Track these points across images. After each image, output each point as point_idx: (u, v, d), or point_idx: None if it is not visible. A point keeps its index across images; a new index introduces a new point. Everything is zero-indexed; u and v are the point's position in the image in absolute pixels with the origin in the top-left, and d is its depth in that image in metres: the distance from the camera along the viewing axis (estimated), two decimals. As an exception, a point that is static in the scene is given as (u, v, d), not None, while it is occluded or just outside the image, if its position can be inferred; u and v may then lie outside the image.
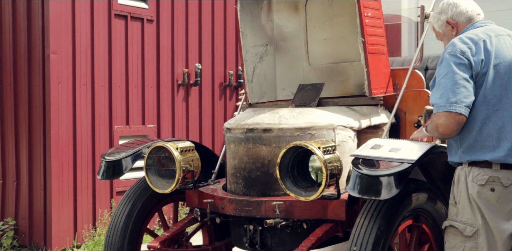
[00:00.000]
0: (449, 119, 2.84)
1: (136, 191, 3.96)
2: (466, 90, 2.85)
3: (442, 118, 2.85)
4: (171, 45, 6.94)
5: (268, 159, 3.53)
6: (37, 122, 5.92)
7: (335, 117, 3.62)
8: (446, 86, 2.87)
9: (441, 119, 2.86)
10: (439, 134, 2.94)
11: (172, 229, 3.88)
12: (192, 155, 3.76)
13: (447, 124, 2.85)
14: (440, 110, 2.86)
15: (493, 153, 2.89)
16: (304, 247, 3.26)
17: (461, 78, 2.86)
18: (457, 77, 2.86)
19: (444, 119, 2.85)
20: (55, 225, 5.81)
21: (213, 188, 3.87)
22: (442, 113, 2.85)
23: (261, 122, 3.59)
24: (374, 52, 3.82)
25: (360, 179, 2.95)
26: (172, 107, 6.96)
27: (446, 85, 2.87)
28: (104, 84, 6.26)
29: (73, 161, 5.98)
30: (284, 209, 3.39)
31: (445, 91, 2.86)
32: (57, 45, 5.84)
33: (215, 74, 7.46)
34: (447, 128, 2.86)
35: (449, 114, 2.84)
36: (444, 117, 2.85)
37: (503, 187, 2.87)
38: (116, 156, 3.95)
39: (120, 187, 6.32)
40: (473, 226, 2.91)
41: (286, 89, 4.44)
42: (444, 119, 2.85)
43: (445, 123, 2.85)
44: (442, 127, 2.86)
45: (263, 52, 4.36)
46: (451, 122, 2.84)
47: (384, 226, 3.02)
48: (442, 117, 2.85)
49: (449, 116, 2.84)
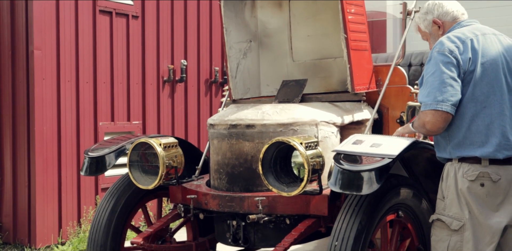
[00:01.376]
0: (436, 117, 2.89)
1: (120, 187, 3.95)
2: (452, 89, 2.90)
3: (429, 116, 2.90)
4: (157, 41, 6.91)
5: (251, 154, 3.54)
6: (21, 119, 5.89)
7: (318, 113, 3.64)
8: (434, 84, 2.92)
9: (428, 117, 2.91)
10: (426, 131, 3.00)
11: (155, 225, 3.88)
12: (175, 151, 3.76)
13: (434, 122, 2.90)
14: (427, 108, 2.92)
15: (482, 149, 2.94)
16: (287, 242, 3.27)
17: (448, 77, 2.91)
18: (444, 76, 2.91)
19: (431, 117, 2.90)
20: (40, 222, 5.79)
21: (196, 184, 3.87)
22: (429, 111, 2.91)
23: (244, 118, 3.60)
24: (357, 48, 3.84)
25: (341, 174, 2.97)
26: (157, 103, 6.94)
27: (433, 83, 2.92)
28: (89, 80, 6.24)
29: (58, 158, 5.95)
30: (267, 205, 3.40)
31: (432, 90, 2.91)
32: (41, 41, 5.80)
33: (201, 71, 7.45)
34: (434, 125, 2.91)
35: (436, 112, 2.89)
36: (431, 115, 2.90)
37: (492, 182, 2.93)
38: (99, 152, 3.94)
39: (105, 184, 6.31)
40: (460, 220, 2.96)
41: (269, 85, 4.45)
42: (431, 117, 2.90)
43: (432, 121, 2.90)
44: (429, 125, 2.92)
45: (247, 48, 4.37)
46: (437, 120, 2.90)
47: (365, 221, 3.04)
48: (429, 115, 2.90)
49: (436, 114, 2.89)
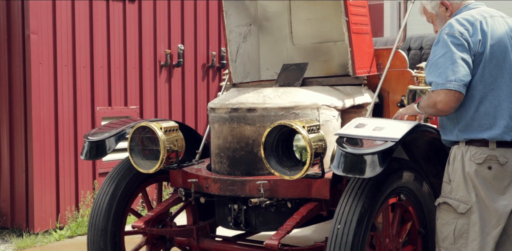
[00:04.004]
0: (449, 96, 2.89)
1: (120, 172, 3.94)
2: (464, 69, 2.91)
3: (442, 95, 2.90)
4: (153, 25, 6.86)
5: (253, 138, 3.53)
6: (18, 104, 5.85)
7: (319, 96, 3.63)
8: (445, 65, 2.92)
9: (441, 96, 2.90)
10: (436, 111, 2.98)
11: (156, 209, 3.87)
12: (176, 135, 3.75)
13: (446, 101, 2.90)
14: (439, 88, 2.91)
15: (490, 131, 2.95)
16: (289, 225, 3.27)
17: (459, 58, 2.92)
18: (455, 56, 2.92)
19: (444, 96, 2.89)
20: (38, 206, 5.78)
21: (197, 168, 3.87)
22: (441, 91, 2.90)
23: (245, 102, 3.58)
24: (358, 31, 3.82)
25: (344, 157, 2.97)
26: (154, 88, 6.91)
27: (445, 64, 2.92)
28: (86, 65, 6.19)
29: (55, 142, 5.93)
30: (269, 188, 3.40)
31: (444, 70, 2.91)
32: (37, 25, 5.75)
33: (198, 55, 7.41)
34: (447, 104, 2.90)
35: (449, 91, 2.89)
36: (444, 94, 2.89)
37: (499, 165, 2.94)
38: (99, 136, 3.92)
39: (103, 169, 6.29)
40: (467, 203, 2.97)
41: (269, 69, 4.43)
42: (443, 96, 2.89)
43: (445, 100, 2.90)
44: (441, 104, 2.91)
45: (246, 32, 4.34)
46: (450, 99, 2.89)
47: (368, 204, 3.05)
48: (442, 94, 2.90)
49: (449, 94, 2.89)
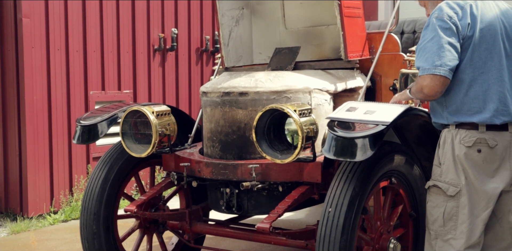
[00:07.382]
0: (434, 81, 2.90)
1: (112, 156, 3.94)
2: (451, 54, 2.91)
3: (427, 80, 2.91)
4: (147, 9, 6.83)
5: (245, 122, 3.53)
6: (10, 88, 5.84)
7: (311, 80, 3.62)
8: (432, 49, 2.92)
9: (426, 81, 2.92)
10: (423, 95, 3.00)
11: (149, 193, 3.88)
12: (168, 119, 3.75)
13: (432, 86, 2.91)
14: (425, 73, 2.92)
15: (479, 115, 2.96)
16: (280, 209, 3.28)
17: (446, 42, 2.92)
18: (442, 41, 2.91)
19: (429, 81, 2.91)
20: (31, 191, 5.79)
21: (189, 152, 3.87)
22: (427, 76, 2.91)
23: (237, 86, 3.58)
24: (350, 15, 3.81)
25: (335, 141, 2.97)
26: (148, 72, 6.89)
27: (431, 48, 2.92)
28: (79, 49, 6.17)
29: (49, 127, 5.93)
30: (261, 172, 3.41)
31: (431, 55, 2.91)
32: (29, 8, 5.72)
33: (192, 39, 7.38)
34: (432, 89, 2.92)
35: (434, 76, 2.90)
36: (429, 79, 2.91)
37: (489, 148, 2.96)
38: (92, 121, 3.91)
39: (97, 153, 6.30)
40: (456, 186, 2.99)
41: (262, 53, 4.41)
42: (429, 81, 2.91)
43: (430, 85, 2.91)
44: (427, 89, 2.93)
45: (239, 15, 4.32)
46: (436, 84, 2.91)
47: (359, 187, 3.06)
48: (427, 79, 2.91)
49: (434, 78, 2.90)
